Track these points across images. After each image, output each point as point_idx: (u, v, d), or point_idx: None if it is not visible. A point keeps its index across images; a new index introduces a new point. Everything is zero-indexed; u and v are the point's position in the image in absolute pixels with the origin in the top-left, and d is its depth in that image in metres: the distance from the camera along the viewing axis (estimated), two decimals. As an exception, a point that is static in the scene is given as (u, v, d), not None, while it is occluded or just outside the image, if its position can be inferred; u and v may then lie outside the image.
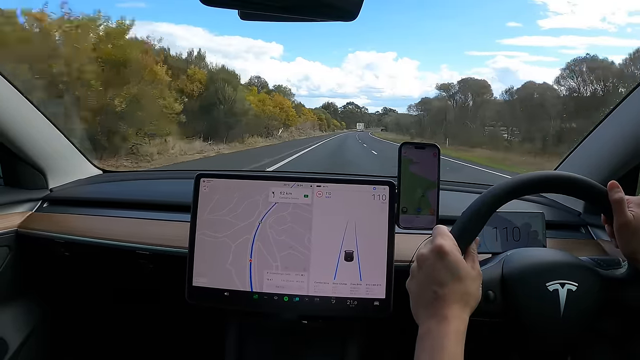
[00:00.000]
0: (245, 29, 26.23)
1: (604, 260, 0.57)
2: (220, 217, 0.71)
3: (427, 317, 0.47)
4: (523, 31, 30.19)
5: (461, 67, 37.47)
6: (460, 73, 36.11)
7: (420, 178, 0.64)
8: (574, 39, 27.11)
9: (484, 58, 36.52)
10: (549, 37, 29.14)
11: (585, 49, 24.25)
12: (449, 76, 33.54)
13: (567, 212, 0.95)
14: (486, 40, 32.44)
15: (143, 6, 27.00)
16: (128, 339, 1.17)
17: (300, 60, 37.05)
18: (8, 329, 0.96)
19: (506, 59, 32.39)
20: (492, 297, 0.54)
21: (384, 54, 37.15)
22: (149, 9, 22.88)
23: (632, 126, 0.80)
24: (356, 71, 34.21)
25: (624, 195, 0.52)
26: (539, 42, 28.52)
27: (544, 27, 27.67)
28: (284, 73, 27.51)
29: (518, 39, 30.51)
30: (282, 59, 23.93)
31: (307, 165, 7.95)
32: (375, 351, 0.93)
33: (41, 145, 1.01)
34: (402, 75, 36.90)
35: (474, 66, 37.51)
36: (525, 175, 0.54)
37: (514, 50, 31.74)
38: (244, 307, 0.70)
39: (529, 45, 29.63)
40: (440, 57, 38.44)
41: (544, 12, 29.64)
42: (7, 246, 0.93)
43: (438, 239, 0.49)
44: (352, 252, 0.69)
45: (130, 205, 0.98)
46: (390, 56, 38.07)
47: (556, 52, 28.11)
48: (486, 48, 33.95)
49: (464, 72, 36.47)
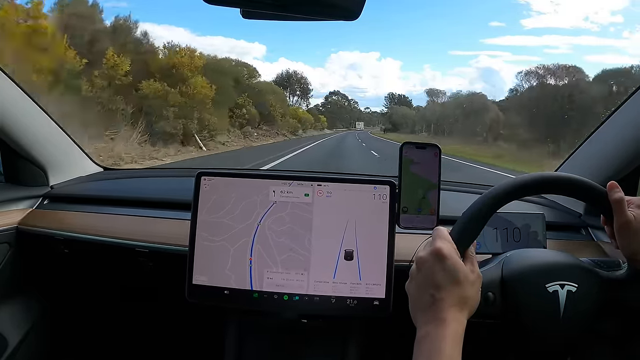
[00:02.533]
0: (228, 29, 26.09)
1: (604, 261, 0.57)
2: (218, 220, 0.71)
3: (425, 320, 0.47)
4: (506, 31, 30.30)
5: (444, 66, 37.35)
6: (443, 73, 36.13)
7: (421, 178, 0.64)
8: (557, 39, 27.25)
9: (467, 58, 36.57)
10: (532, 37, 29.27)
11: (568, 49, 24.42)
12: (432, 76, 33.62)
13: (567, 213, 0.95)
14: (469, 40, 32.53)
15: (125, 5, 26.83)
16: (127, 337, 1.17)
17: (283, 61, 36.99)
18: (7, 325, 0.96)
19: (489, 59, 32.51)
20: (491, 298, 0.54)
21: (367, 54, 37.01)
22: (131, 9, 22.85)
23: (633, 128, 0.80)
24: (339, 71, 33.99)
25: (624, 195, 0.52)
26: (522, 41, 28.66)
27: (527, 26, 27.79)
28: (268, 73, 27.26)
29: (501, 39, 30.63)
30: (265, 60, 23.71)
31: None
32: (375, 352, 0.93)
33: (42, 143, 1.01)
34: (385, 75, 36.87)
35: (457, 66, 37.40)
36: (525, 176, 0.54)
37: (497, 49, 31.82)
38: (243, 305, 0.70)
39: (512, 44, 29.75)
40: (423, 57, 38.39)
41: (527, 11, 29.76)
42: (7, 243, 0.93)
43: (437, 242, 0.49)
44: (352, 251, 0.69)
45: (131, 203, 0.98)
46: (373, 56, 38.00)
47: (540, 51, 28.18)
48: (469, 48, 33.99)
49: (447, 72, 36.49)
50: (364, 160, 9.34)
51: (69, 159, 1.12)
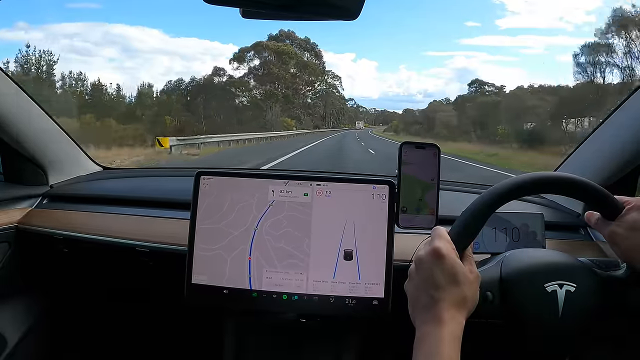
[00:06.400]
0: (202, 30, 25.84)
1: (603, 261, 0.57)
2: (218, 220, 0.71)
3: (424, 320, 0.47)
4: (481, 31, 30.27)
5: (420, 67, 37.38)
6: (419, 73, 36.11)
7: (419, 178, 0.64)
8: (532, 38, 27.28)
9: (443, 58, 36.62)
10: (508, 37, 29.27)
11: (544, 48, 24.47)
12: (407, 77, 33.65)
13: (566, 213, 0.95)
14: (445, 40, 32.58)
15: (97, 7, 26.62)
16: (127, 336, 1.17)
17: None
18: (7, 325, 0.96)
19: (465, 59, 32.52)
20: (490, 298, 0.54)
21: (342, 55, 36.79)
22: (103, 10, 22.51)
23: (632, 128, 0.80)
24: (314, 72, 33.78)
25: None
26: (497, 41, 28.70)
27: (502, 26, 27.80)
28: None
29: (477, 39, 30.57)
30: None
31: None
32: (374, 351, 0.93)
33: (42, 142, 1.01)
34: (361, 76, 36.77)
35: (432, 66, 37.46)
36: (524, 176, 0.54)
37: (473, 50, 31.84)
38: (242, 305, 0.70)
39: (488, 45, 29.71)
40: (398, 58, 38.36)
41: (502, 11, 29.70)
42: (6, 242, 0.93)
43: (435, 242, 0.49)
44: (351, 251, 0.69)
45: (130, 203, 0.98)
46: (348, 57, 37.79)
47: (516, 51, 28.25)
48: (445, 48, 33.99)
49: (422, 72, 36.54)
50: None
51: (69, 158, 1.13)
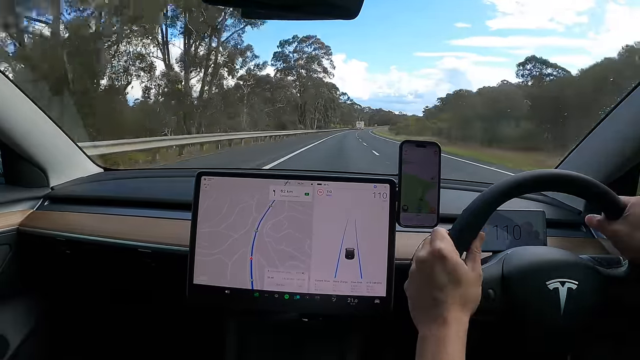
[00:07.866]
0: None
1: (605, 258, 0.58)
2: (220, 219, 0.71)
3: (427, 321, 0.47)
4: (472, 32, 30.28)
5: (410, 67, 37.48)
6: (410, 74, 36.20)
7: (420, 176, 0.64)
8: (522, 39, 27.35)
9: (434, 59, 36.70)
10: (498, 38, 29.33)
11: (534, 49, 24.56)
12: (398, 77, 33.77)
13: (567, 210, 0.95)
14: (435, 41, 32.66)
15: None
16: (129, 338, 1.17)
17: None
18: (8, 327, 0.96)
19: (455, 60, 32.63)
20: (492, 296, 0.54)
21: (333, 56, 36.81)
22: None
23: (633, 125, 0.80)
24: (305, 73, 33.45)
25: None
26: (488, 42, 28.78)
27: (492, 27, 27.87)
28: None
29: (467, 40, 30.58)
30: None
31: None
32: (376, 350, 0.93)
33: (42, 144, 1.01)
34: (351, 77, 36.78)
35: (423, 67, 37.57)
36: (525, 174, 0.54)
37: (463, 50, 31.91)
38: (244, 305, 0.70)
39: (478, 45, 29.77)
40: (389, 58, 38.46)
41: (492, 12, 29.62)
42: (7, 244, 0.93)
43: (437, 243, 0.49)
44: (352, 250, 0.69)
45: (132, 204, 0.98)
46: (339, 58, 37.72)
47: (506, 52, 28.34)
48: (435, 49, 34.05)
49: (413, 73, 36.66)
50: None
51: (69, 160, 1.12)
